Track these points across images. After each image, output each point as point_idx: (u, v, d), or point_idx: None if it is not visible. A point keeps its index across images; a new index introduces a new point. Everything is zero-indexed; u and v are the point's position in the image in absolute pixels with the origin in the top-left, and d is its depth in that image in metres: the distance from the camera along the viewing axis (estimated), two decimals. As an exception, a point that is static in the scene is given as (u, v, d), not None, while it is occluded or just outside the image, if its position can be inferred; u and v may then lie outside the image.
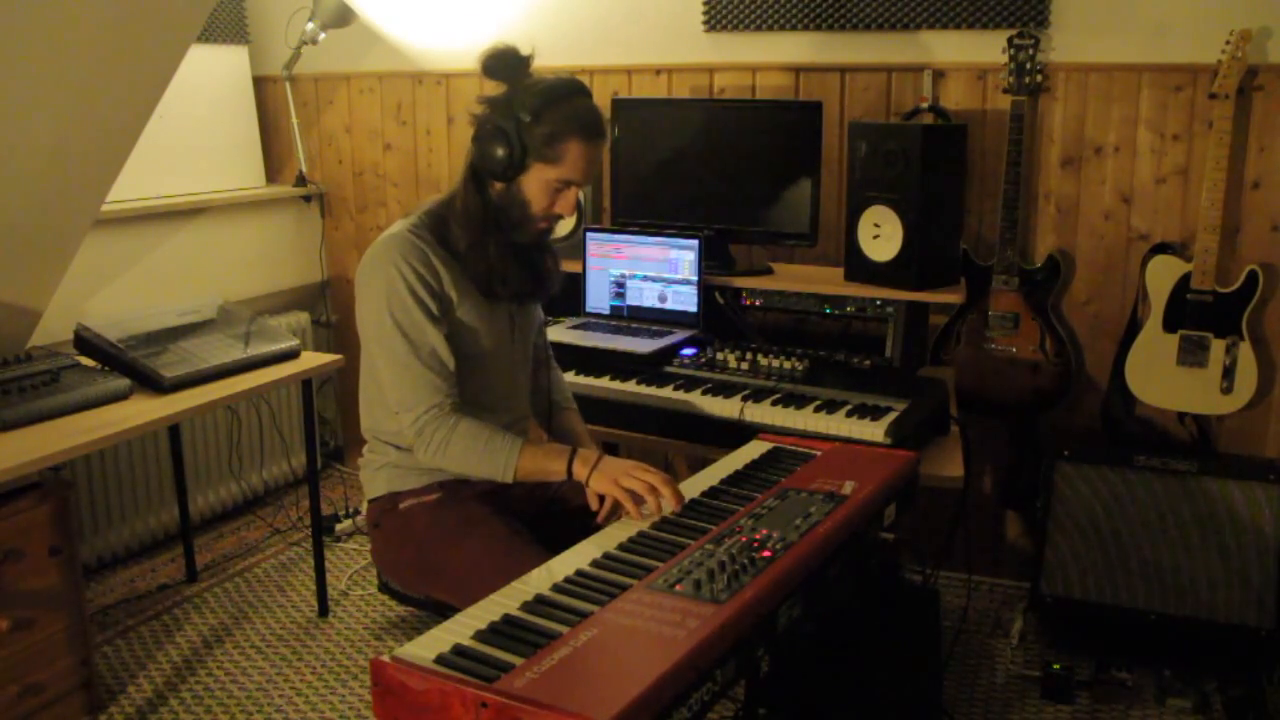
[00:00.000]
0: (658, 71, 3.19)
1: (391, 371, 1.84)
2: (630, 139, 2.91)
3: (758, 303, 2.78)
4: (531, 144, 1.80)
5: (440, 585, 1.89)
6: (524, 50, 1.84)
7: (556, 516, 1.99)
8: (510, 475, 1.80)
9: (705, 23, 3.08)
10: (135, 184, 3.10)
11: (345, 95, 3.71)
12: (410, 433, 1.83)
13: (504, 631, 1.25)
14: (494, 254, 1.88)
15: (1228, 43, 2.49)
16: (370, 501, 2.02)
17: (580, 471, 1.76)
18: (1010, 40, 2.67)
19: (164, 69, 2.35)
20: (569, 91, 1.83)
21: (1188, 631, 2.50)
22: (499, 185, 1.87)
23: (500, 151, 1.81)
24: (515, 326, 2.00)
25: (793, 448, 1.96)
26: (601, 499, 1.75)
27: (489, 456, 1.80)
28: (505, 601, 1.33)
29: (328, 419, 3.95)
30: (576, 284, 2.84)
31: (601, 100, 1.91)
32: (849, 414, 2.18)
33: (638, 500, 1.66)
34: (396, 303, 1.81)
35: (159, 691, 2.52)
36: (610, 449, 2.72)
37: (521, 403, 2.07)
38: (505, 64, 1.83)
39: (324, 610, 2.89)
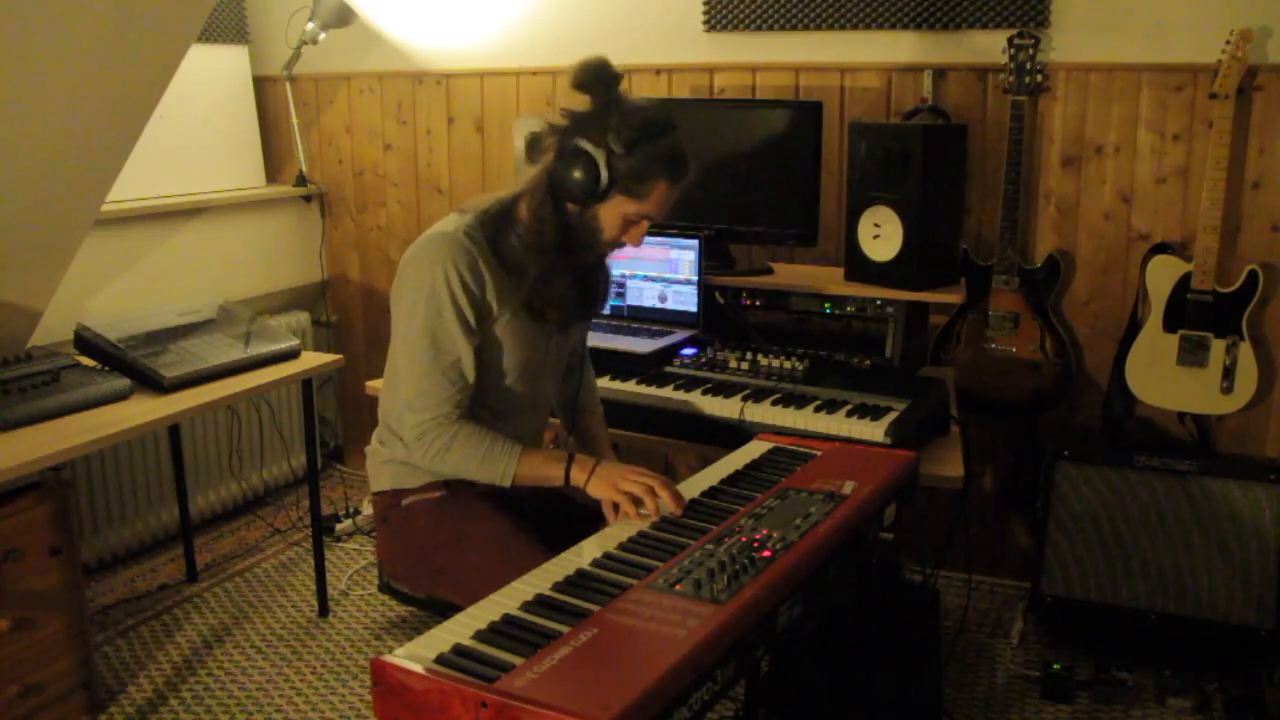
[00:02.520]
0: (658, 71, 3.19)
1: (410, 370, 1.82)
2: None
3: (758, 303, 2.78)
4: (619, 175, 1.75)
5: (443, 583, 1.88)
6: (616, 68, 1.78)
7: (561, 515, 1.99)
8: (508, 481, 1.80)
9: (705, 23, 3.08)
10: (135, 184, 3.09)
11: (345, 95, 3.71)
12: (411, 435, 1.82)
13: (504, 631, 1.25)
14: (558, 281, 1.84)
15: (1228, 43, 2.49)
16: (375, 495, 2.02)
17: (578, 477, 1.76)
18: (1010, 40, 2.67)
19: (164, 69, 2.35)
20: (663, 127, 1.78)
21: (1188, 631, 2.50)
22: (572, 207, 1.81)
23: (584, 177, 1.75)
24: (552, 341, 1.97)
25: (793, 448, 1.96)
26: (616, 509, 1.72)
27: (487, 463, 1.80)
28: (505, 601, 1.33)
29: (328, 419, 3.95)
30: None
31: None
32: (849, 414, 2.18)
33: (637, 503, 1.66)
34: (434, 305, 1.78)
35: (159, 691, 2.52)
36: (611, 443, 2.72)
37: (543, 412, 2.05)
38: (597, 79, 1.77)
39: (324, 610, 2.89)
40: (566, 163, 1.77)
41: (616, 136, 1.73)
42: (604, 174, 1.74)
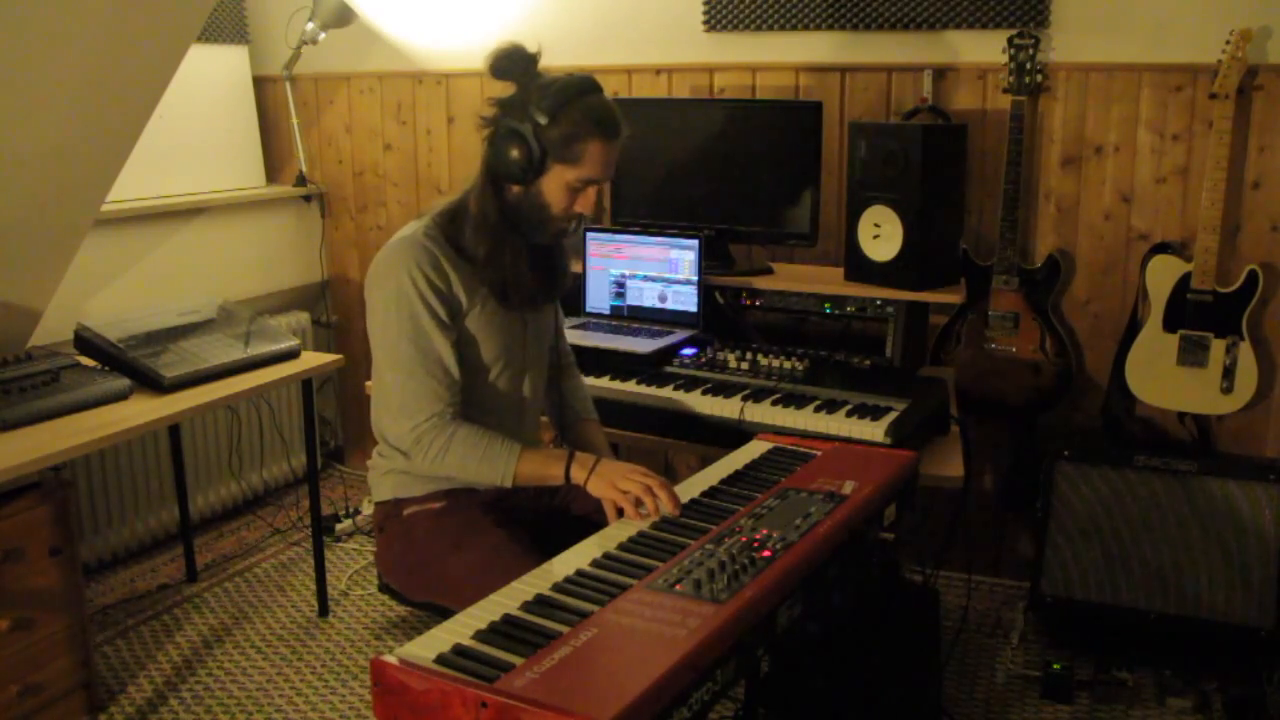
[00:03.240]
0: (658, 71, 3.19)
1: (395, 377, 1.83)
2: (630, 139, 2.90)
3: (758, 303, 2.78)
4: (549, 145, 1.78)
5: (439, 592, 1.88)
6: (530, 48, 1.81)
7: (559, 525, 1.99)
8: (509, 480, 1.80)
9: (705, 23, 3.08)
10: (135, 184, 3.10)
11: (345, 95, 3.71)
12: (408, 440, 1.82)
13: (504, 631, 1.25)
14: (509, 261, 1.86)
15: (1228, 43, 2.49)
16: (376, 504, 2.02)
17: (578, 475, 1.76)
18: (1010, 40, 2.67)
19: (164, 69, 2.35)
20: (583, 89, 1.80)
21: (1188, 631, 2.50)
22: (516, 188, 1.84)
23: (517, 155, 1.78)
24: (528, 330, 1.99)
25: (793, 448, 1.96)
26: (620, 513, 1.73)
27: (487, 462, 1.80)
28: (505, 601, 1.33)
29: (328, 419, 3.95)
30: (577, 284, 2.84)
31: (602, 101, 1.90)
32: (849, 414, 2.18)
33: (636, 503, 1.66)
34: (405, 308, 1.80)
35: (159, 691, 2.52)
36: (610, 449, 2.72)
37: (533, 408, 2.06)
38: (513, 63, 1.80)
39: (324, 610, 2.89)
40: (499, 147, 1.81)
41: (539, 109, 1.76)
42: (534, 146, 1.77)
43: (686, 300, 2.72)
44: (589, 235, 2.83)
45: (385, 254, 1.85)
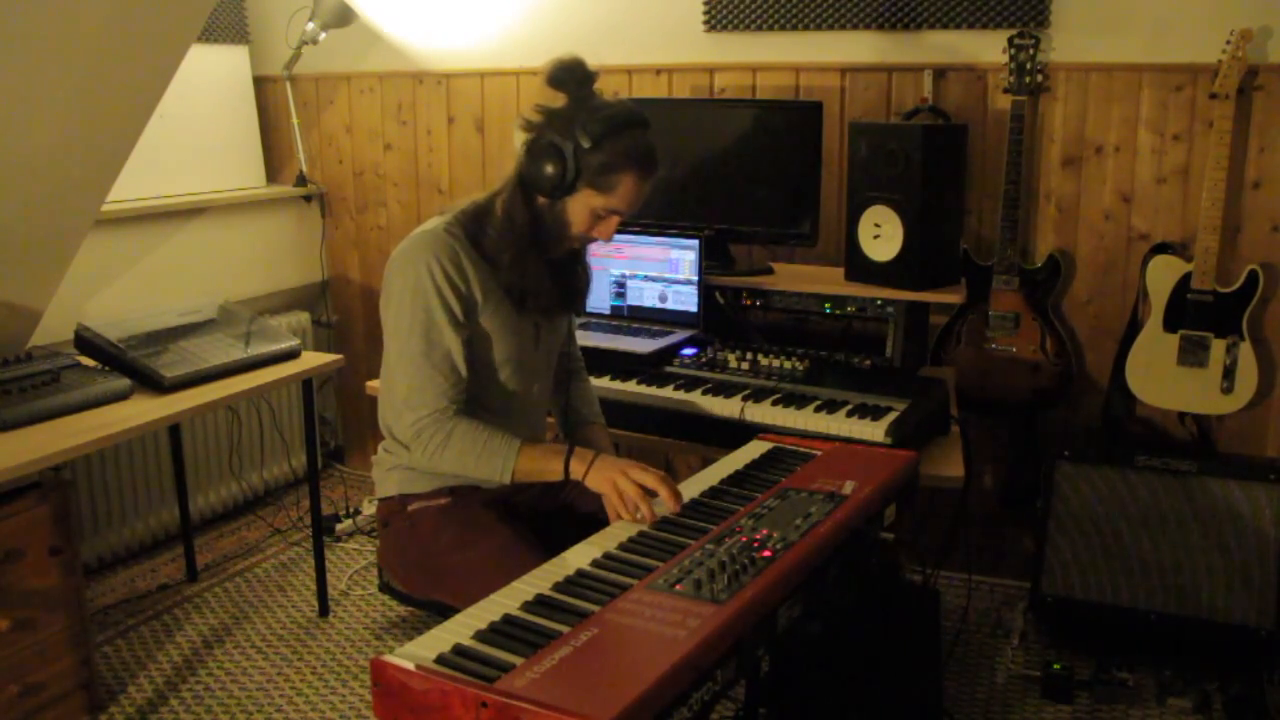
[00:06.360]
0: (658, 71, 3.19)
1: (402, 368, 1.83)
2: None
3: (758, 303, 2.78)
4: (585, 169, 1.79)
5: (443, 589, 1.88)
6: (591, 66, 1.82)
7: (564, 523, 1.98)
8: (508, 476, 1.80)
9: (705, 23, 3.08)
10: (135, 184, 3.09)
11: (345, 95, 3.71)
12: (409, 433, 1.83)
13: (504, 631, 1.25)
14: (531, 270, 1.87)
15: (1228, 42, 2.49)
16: (380, 500, 2.02)
17: (577, 470, 1.76)
18: (1010, 40, 2.67)
19: (164, 69, 2.35)
20: (631, 123, 1.81)
21: (1188, 631, 2.50)
22: (543, 200, 1.85)
23: (552, 170, 1.79)
24: (540, 335, 1.99)
25: (793, 448, 1.96)
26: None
27: (486, 458, 1.80)
28: (505, 601, 1.33)
29: (328, 419, 3.95)
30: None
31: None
32: (849, 414, 2.18)
33: (633, 508, 1.65)
34: (420, 300, 1.81)
35: (159, 691, 2.52)
36: (614, 451, 2.72)
37: (539, 412, 2.06)
38: (571, 76, 1.81)
39: (324, 610, 2.89)
40: (536, 157, 1.81)
41: (584, 131, 1.77)
42: (570, 167, 1.78)
43: (687, 300, 2.72)
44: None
45: (407, 245, 1.85)
